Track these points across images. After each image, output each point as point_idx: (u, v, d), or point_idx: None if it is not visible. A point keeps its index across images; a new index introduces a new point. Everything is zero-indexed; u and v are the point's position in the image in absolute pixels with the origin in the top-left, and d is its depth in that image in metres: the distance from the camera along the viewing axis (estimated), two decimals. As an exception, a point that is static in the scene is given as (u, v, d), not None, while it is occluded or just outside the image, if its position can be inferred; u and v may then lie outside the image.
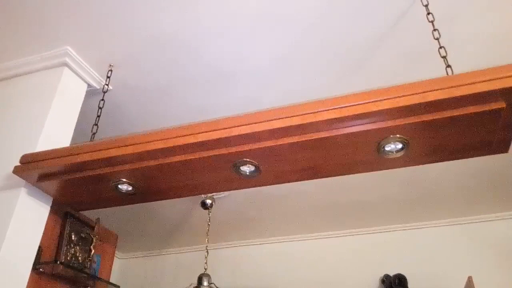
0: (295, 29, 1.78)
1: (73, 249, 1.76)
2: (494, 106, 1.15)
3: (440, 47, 1.46)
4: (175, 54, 1.91)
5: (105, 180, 1.50)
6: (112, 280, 3.55)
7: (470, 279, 2.57)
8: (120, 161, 1.40)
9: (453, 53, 1.80)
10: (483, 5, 1.66)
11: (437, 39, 1.50)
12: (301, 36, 1.82)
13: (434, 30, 1.52)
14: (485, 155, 1.39)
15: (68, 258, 1.72)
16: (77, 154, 1.42)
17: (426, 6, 1.58)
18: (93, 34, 1.83)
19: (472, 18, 1.71)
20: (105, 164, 1.43)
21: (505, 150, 1.37)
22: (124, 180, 1.48)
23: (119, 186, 1.52)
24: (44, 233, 1.56)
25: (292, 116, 1.26)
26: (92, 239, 1.85)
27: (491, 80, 1.12)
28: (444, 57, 1.43)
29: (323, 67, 1.97)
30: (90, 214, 1.94)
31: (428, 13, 1.55)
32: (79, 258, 1.80)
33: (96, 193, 1.60)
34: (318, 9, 1.70)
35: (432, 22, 1.54)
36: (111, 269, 2.02)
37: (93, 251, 1.80)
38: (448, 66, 1.40)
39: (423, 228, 3.32)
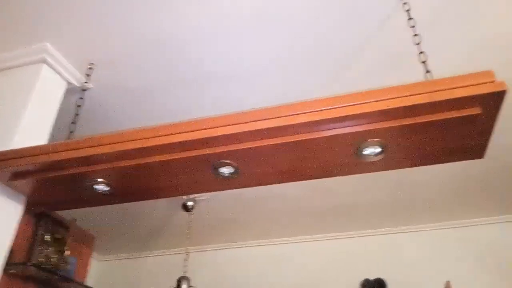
0: (282, 32, 1.78)
1: (46, 250, 1.71)
2: (471, 111, 1.16)
3: (420, 52, 1.47)
4: (159, 54, 1.89)
5: (81, 179, 1.46)
6: (90, 283, 3.48)
7: (448, 284, 2.60)
8: (97, 160, 1.38)
9: (433, 59, 1.82)
10: (463, 12, 1.69)
11: (418, 44, 1.51)
12: (288, 40, 1.82)
13: (415, 35, 1.53)
14: (462, 160, 1.41)
15: (41, 259, 1.68)
16: (52, 153, 1.38)
17: (408, 11, 1.60)
18: (74, 31, 1.79)
19: (452, 25, 1.74)
20: (81, 163, 1.40)
21: (480, 155, 1.39)
22: (100, 180, 1.46)
23: (95, 186, 1.48)
24: (16, 234, 1.52)
25: (273, 118, 1.26)
26: (67, 240, 1.80)
27: (468, 86, 1.13)
28: (423, 62, 1.45)
29: (308, 71, 1.97)
30: (66, 215, 1.90)
31: (410, 19, 1.57)
32: (53, 259, 1.75)
33: (72, 193, 1.56)
34: (304, 13, 1.70)
35: (413, 27, 1.55)
36: (86, 272, 1.98)
37: (67, 252, 1.76)
38: (428, 71, 1.41)
39: (403, 233, 3.34)
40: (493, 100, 1.13)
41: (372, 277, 3.19)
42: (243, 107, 2.14)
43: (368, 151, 1.30)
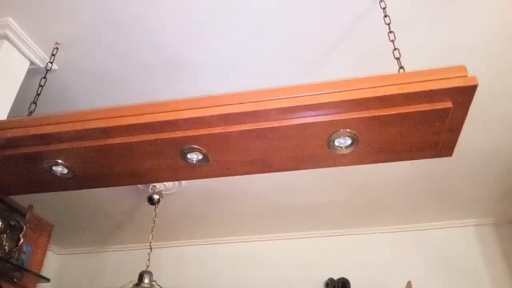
0: (254, 23, 1.75)
1: (-1, 237, 1.61)
2: (442, 105, 1.16)
3: (395, 49, 1.48)
4: (130, 38, 1.82)
5: (39, 160, 1.38)
6: (47, 276, 3.33)
7: (409, 284, 2.64)
8: (56, 139, 1.30)
9: (407, 56, 1.84)
10: (439, 12, 1.71)
11: (392, 41, 1.52)
12: (260, 31, 1.79)
13: (390, 32, 1.54)
14: (431, 157, 1.41)
15: (-8, 246, 1.57)
16: (8, 129, 1.30)
17: (384, 8, 1.60)
18: (40, 8, 1.70)
19: (428, 24, 1.76)
20: (39, 142, 1.32)
21: (449, 153, 1.40)
22: (59, 161, 1.37)
23: (54, 168, 1.40)
24: (-36, 216, 1.42)
25: (243, 103, 1.22)
26: (22, 227, 1.70)
27: (440, 79, 1.14)
28: (397, 59, 1.45)
29: (281, 64, 1.95)
30: (22, 201, 1.80)
31: (385, 16, 1.57)
32: (6, 247, 1.65)
33: (28, 175, 1.47)
34: (279, 5, 1.68)
35: (388, 24, 1.56)
36: (43, 261, 1.87)
37: (22, 240, 1.66)
38: (401, 67, 1.42)
39: (367, 233, 3.39)
40: (464, 95, 1.14)
41: (336, 276, 3.21)
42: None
43: (338, 142, 1.28)
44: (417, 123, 1.22)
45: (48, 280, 1.76)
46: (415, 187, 2.84)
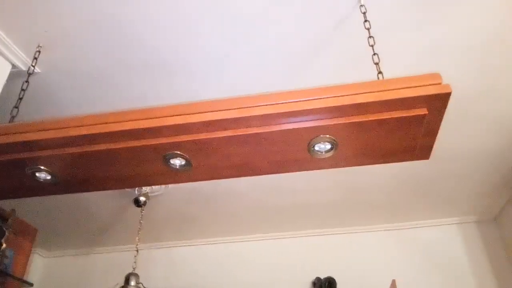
0: (241, 26, 1.77)
1: (-20, 242, 1.60)
2: (418, 112, 1.20)
3: (374, 54, 1.51)
4: (114, 38, 1.81)
5: (21, 166, 1.38)
6: (34, 279, 3.31)
7: (393, 282, 2.69)
8: (39, 145, 1.30)
9: (387, 60, 1.88)
10: (418, 18, 1.75)
11: (372, 46, 1.55)
12: (244, 34, 1.80)
13: (370, 37, 1.57)
14: (409, 160, 1.45)
15: (-26, 251, 1.57)
16: (-10, 136, 1.29)
17: (364, 13, 1.63)
18: (22, 10, 1.69)
19: (407, 29, 1.80)
20: (21, 149, 1.32)
21: (426, 156, 1.44)
22: (42, 167, 1.37)
23: (37, 174, 1.40)
24: None
25: (225, 110, 1.24)
26: (4, 231, 1.69)
27: (416, 87, 1.17)
28: (376, 64, 1.48)
29: (263, 69, 1.97)
30: (5, 205, 1.79)
31: (365, 21, 1.60)
32: (-12, 252, 1.64)
33: (11, 180, 1.47)
34: (262, 9, 1.70)
35: (368, 29, 1.59)
36: (26, 265, 1.87)
37: (4, 245, 1.65)
38: (380, 72, 1.45)
39: (353, 233, 3.43)
40: (439, 102, 1.17)
41: (323, 275, 3.25)
42: (197, 99, 2.10)
43: (318, 147, 1.31)
44: (394, 128, 1.26)
45: (31, 284, 1.76)
46: (399, 187, 2.89)
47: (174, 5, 1.67)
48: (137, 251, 2.53)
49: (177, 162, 1.39)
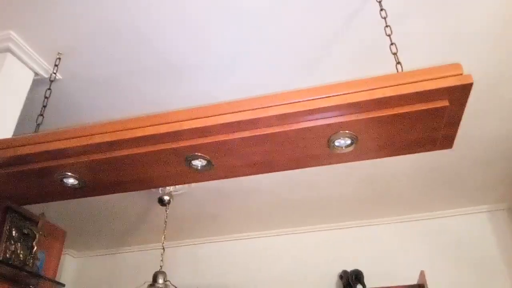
0: (250, 23, 1.76)
1: (13, 246, 1.66)
2: (439, 104, 1.18)
3: (392, 44, 1.48)
4: (129, 44, 1.84)
5: (49, 173, 1.42)
6: (66, 280, 3.42)
7: (422, 273, 2.66)
8: (64, 154, 1.34)
9: (404, 50, 1.85)
10: (435, 4, 1.71)
11: (389, 35, 1.52)
12: (257, 31, 1.80)
13: (386, 26, 1.54)
14: (431, 150, 1.43)
15: (8, 255, 1.63)
16: (18, 146, 1.34)
17: (380, 2, 1.60)
18: (40, 19, 1.73)
19: (424, 17, 1.76)
20: (48, 157, 1.36)
21: (449, 146, 1.42)
22: (69, 174, 1.42)
23: (64, 180, 1.45)
24: (-19, 230, 1.47)
25: (244, 111, 1.25)
26: (36, 234, 1.75)
27: (436, 79, 1.15)
28: (395, 54, 1.46)
29: (277, 63, 1.96)
30: (34, 209, 1.85)
31: (381, 9, 1.57)
32: (21, 255, 1.71)
33: (40, 187, 1.52)
34: (274, 4, 1.69)
35: (384, 18, 1.56)
36: (57, 266, 1.94)
37: (35, 247, 1.71)
38: (398, 63, 1.42)
39: (378, 224, 3.40)
40: (461, 93, 1.15)
41: (349, 268, 3.23)
42: (213, 100, 2.12)
43: (338, 143, 1.31)
44: (415, 121, 1.24)
45: (63, 285, 1.82)
46: (425, 176, 2.84)
47: (183, 7, 1.68)
48: (163, 249, 2.58)
49: (198, 163, 1.41)
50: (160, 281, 2.24)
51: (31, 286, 1.74)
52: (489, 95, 2.15)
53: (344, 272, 3.19)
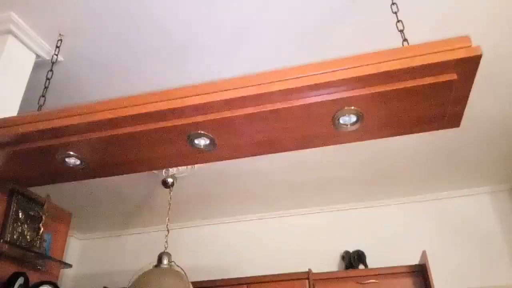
0: (255, 2, 1.73)
1: (20, 228, 1.67)
2: (446, 77, 1.15)
3: (398, 21, 1.45)
4: (131, 25, 1.82)
5: (52, 152, 1.41)
6: (72, 261, 3.46)
7: (424, 253, 2.66)
8: (66, 132, 1.33)
9: (411, 28, 1.81)
10: (441, -19, 1.67)
11: (395, 13, 1.49)
12: (261, 8, 1.77)
13: (393, 4, 1.50)
14: (438, 129, 1.40)
15: (15, 237, 1.63)
16: (20, 125, 1.33)
17: (386, -22, 1.56)
18: (40, 0, 1.70)
19: (430, -6, 1.72)
20: (50, 136, 1.35)
21: (456, 124, 1.39)
22: (71, 153, 1.41)
23: (67, 159, 1.44)
24: (-14, 211, 1.48)
25: (247, 87, 1.22)
26: (42, 216, 1.76)
27: (444, 51, 1.12)
28: (401, 31, 1.43)
29: (284, 39, 1.93)
30: (39, 191, 1.86)
31: (387, -14, 1.53)
32: (28, 237, 1.71)
33: (43, 167, 1.51)
34: (278, -20, 1.65)
35: (391, -5, 1.52)
36: (64, 248, 1.95)
37: (42, 229, 1.72)
38: (405, 40, 1.39)
39: (381, 206, 3.41)
40: (469, 65, 1.12)
41: (351, 249, 3.25)
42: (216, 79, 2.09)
43: (343, 120, 1.29)
44: (422, 96, 1.22)
45: (70, 265, 1.84)
46: (427, 157, 2.82)
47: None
48: (168, 230, 2.59)
49: (201, 142, 1.39)
50: (165, 261, 2.25)
51: (39, 267, 1.75)
52: (494, 73, 2.11)
53: (346, 252, 3.20)
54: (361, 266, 3.09)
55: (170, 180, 2.76)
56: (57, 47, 1.88)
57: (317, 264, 3.29)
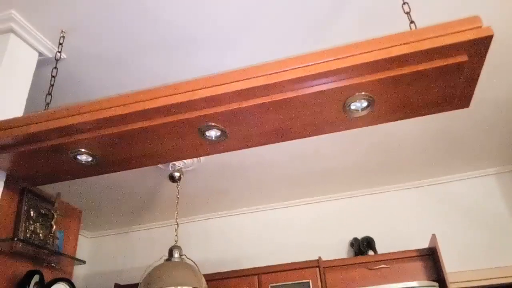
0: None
1: (32, 226, 1.67)
2: (457, 59, 1.15)
3: (404, 3, 1.44)
4: (134, 19, 1.80)
5: (63, 150, 1.41)
6: (83, 259, 3.47)
7: (434, 237, 2.68)
8: (77, 129, 1.33)
9: (417, 9, 1.79)
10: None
11: (401, -5, 1.48)
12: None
13: (398, -14, 1.49)
14: (448, 110, 1.40)
15: (28, 235, 1.64)
16: (30, 124, 1.33)
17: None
18: (40, -3, 1.69)
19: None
20: (61, 134, 1.35)
21: (466, 105, 1.39)
22: (82, 150, 1.41)
23: (78, 156, 1.44)
24: (-1, 210, 1.48)
25: (256, 77, 1.22)
26: (53, 214, 1.77)
27: (454, 33, 1.11)
28: (407, 13, 1.42)
29: (286, 28, 1.91)
30: (48, 189, 1.86)
31: (392, -31, 1.52)
32: (40, 235, 1.72)
33: (54, 165, 1.51)
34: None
35: (395, -22, 1.51)
36: (76, 245, 1.96)
37: (54, 226, 1.73)
38: (412, 22, 1.38)
39: (388, 192, 3.41)
40: (480, 46, 1.11)
41: (360, 236, 3.26)
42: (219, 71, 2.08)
43: (354, 106, 1.29)
44: (433, 79, 1.21)
45: (84, 262, 1.85)
46: (432, 141, 2.82)
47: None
48: (177, 224, 2.60)
49: (212, 133, 1.40)
50: (176, 255, 2.26)
51: (52, 264, 1.76)
52: (501, 56, 2.09)
53: (355, 239, 3.21)
54: (371, 252, 3.11)
55: (177, 174, 2.77)
56: (59, 44, 1.87)
57: (326, 252, 3.31)
